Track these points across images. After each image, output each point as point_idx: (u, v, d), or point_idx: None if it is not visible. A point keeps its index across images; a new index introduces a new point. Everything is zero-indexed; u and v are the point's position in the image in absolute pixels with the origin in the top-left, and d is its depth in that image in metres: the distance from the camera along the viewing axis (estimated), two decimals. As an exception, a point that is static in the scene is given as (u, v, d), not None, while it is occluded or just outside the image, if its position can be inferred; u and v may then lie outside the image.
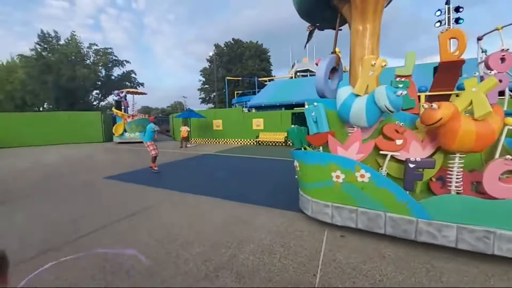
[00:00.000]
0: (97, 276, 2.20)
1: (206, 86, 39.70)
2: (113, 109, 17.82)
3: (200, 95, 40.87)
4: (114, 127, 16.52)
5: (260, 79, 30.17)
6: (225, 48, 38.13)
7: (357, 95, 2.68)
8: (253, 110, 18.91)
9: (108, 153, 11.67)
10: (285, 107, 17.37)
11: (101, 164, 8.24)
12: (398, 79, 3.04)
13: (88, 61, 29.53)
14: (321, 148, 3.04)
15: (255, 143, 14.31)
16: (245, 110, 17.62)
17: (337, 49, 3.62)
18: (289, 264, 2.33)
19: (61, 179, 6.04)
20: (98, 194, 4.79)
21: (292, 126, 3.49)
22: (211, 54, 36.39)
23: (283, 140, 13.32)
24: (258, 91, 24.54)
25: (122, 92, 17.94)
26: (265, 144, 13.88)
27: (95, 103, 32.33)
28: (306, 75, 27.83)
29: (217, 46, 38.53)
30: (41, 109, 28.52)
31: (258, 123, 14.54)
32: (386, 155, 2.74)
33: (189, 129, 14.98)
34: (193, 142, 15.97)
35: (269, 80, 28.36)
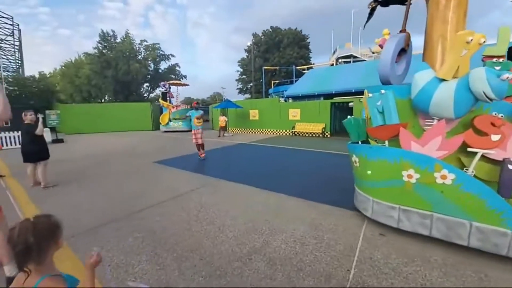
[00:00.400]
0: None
1: (244, 76, 39.86)
2: (160, 100, 19.35)
3: (237, 85, 41.43)
4: (160, 117, 17.98)
5: (298, 67, 28.92)
6: (262, 37, 37.36)
7: (442, 80, 2.21)
8: (290, 100, 18.34)
9: (156, 140, 12.75)
10: (324, 97, 16.36)
11: (151, 150, 9.06)
12: (495, 59, 2.45)
13: (139, 57, 32.28)
14: (386, 142, 2.67)
15: (291, 133, 13.98)
16: (282, 100, 17.17)
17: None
18: (321, 257, 2.25)
19: (118, 162, 6.83)
20: (149, 176, 5.26)
21: (349, 117, 3.16)
22: (249, 44, 36.12)
23: (320, 131, 12.68)
24: (296, 80, 23.61)
25: (166, 83, 19.30)
26: (301, 135, 13.45)
27: (145, 95, 35.45)
28: (349, 62, 25.54)
29: (255, 35, 38.01)
30: (102, 100, 32.58)
31: (294, 113, 14.11)
32: (474, 153, 2.26)
33: (226, 119, 15.37)
34: (230, 132, 16.39)
35: (308, 69, 26.97)
